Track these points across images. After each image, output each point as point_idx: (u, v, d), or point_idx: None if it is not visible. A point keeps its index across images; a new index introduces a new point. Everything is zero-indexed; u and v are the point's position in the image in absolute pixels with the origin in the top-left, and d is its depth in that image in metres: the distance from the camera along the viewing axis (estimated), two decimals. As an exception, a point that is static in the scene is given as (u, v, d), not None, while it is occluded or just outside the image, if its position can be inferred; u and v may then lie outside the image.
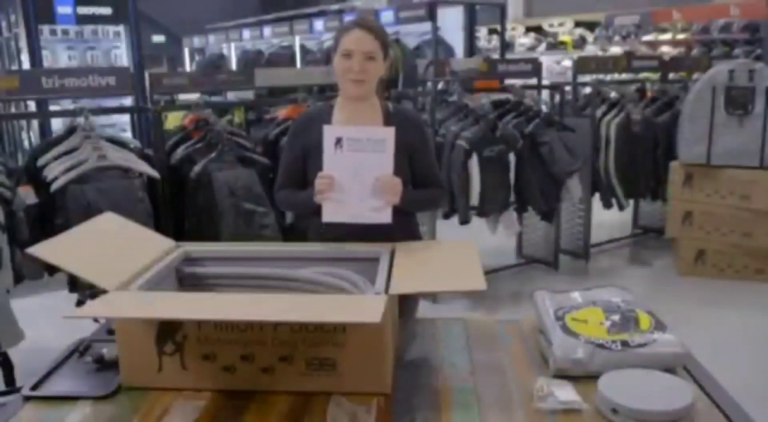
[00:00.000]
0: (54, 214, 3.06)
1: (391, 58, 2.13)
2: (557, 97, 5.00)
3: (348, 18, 7.72)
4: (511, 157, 4.26)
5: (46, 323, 3.09)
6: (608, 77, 6.13)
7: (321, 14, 8.80)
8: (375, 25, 2.08)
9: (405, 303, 2.09)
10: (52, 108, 4.90)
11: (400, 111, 2.22)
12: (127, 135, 4.85)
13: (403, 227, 2.09)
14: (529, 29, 12.06)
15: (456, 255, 1.84)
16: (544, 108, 4.72)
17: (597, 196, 5.06)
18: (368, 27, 2.04)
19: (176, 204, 3.44)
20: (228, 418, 1.41)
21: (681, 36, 9.78)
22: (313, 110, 2.24)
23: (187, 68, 11.16)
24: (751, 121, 4.47)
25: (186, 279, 1.89)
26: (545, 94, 5.08)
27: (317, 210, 2.04)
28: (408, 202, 2.06)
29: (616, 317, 1.62)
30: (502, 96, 4.68)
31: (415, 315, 2.18)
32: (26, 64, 6.19)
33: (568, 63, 9.65)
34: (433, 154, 2.27)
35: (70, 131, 3.23)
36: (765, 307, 4.20)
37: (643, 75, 5.87)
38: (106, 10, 6.57)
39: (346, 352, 1.46)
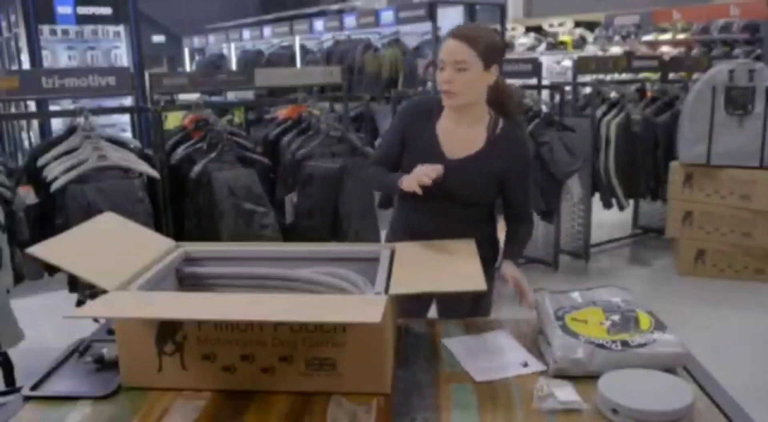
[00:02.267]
0: (54, 214, 3.06)
1: (500, 69, 1.98)
2: (557, 97, 5.00)
3: (348, 18, 7.73)
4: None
5: (46, 323, 3.10)
6: (608, 77, 6.13)
7: (321, 14, 8.81)
8: (472, 33, 1.93)
9: (481, 300, 2.16)
10: (52, 108, 4.91)
11: (507, 133, 2.05)
12: (127, 135, 4.85)
13: (482, 237, 2.07)
14: (529, 29, 12.06)
15: (456, 255, 1.84)
16: (544, 108, 4.72)
17: (597, 195, 5.06)
18: (461, 35, 1.91)
19: (176, 204, 3.44)
20: (228, 418, 1.41)
21: (681, 36, 9.78)
22: (427, 103, 2.11)
23: (187, 68, 11.17)
24: (751, 121, 4.47)
25: (186, 279, 1.89)
26: (545, 94, 5.08)
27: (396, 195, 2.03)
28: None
29: (616, 317, 1.63)
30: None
31: (490, 311, 2.24)
32: (26, 64, 6.20)
33: (568, 63, 9.64)
34: (529, 184, 2.17)
35: (70, 131, 3.23)
36: (765, 307, 4.20)
37: (643, 75, 5.87)
38: (106, 10, 6.58)
39: (346, 352, 1.46)
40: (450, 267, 1.78)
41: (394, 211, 2.27)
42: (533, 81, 4.98)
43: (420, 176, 1.88)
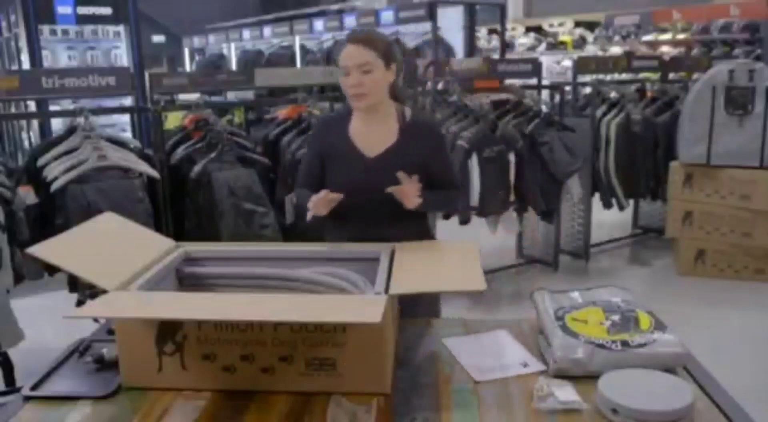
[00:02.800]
0: (54, 214, 3.06)
1: (399, 61, 2.11)
2: (557, 97, 5.00)
3: (348, 18, 7.74)
4: (511, 157, 4.26)
5: (46, 323, 3.10)
6: (608, 77, 6.13)
7: (321, 14, 8.81)
8: (369, 36, 2.06)
9: (429, 300, 2.15)
10: (52, 108, 4.91)
11: (417, 120, 2.18)
12: (127, 135, 4.85)
13: (415, 232, 2.09)
14: (529, 29, 12.06)
15: (456, 255, 1.84)
16: (544, 108, 4.72)
17: (597, 195, 5.06)
18: (360, 39, 2.03)
19: (176, 204, 3.44)
20: (228, 418, 1.41)
21: (681, 36, 9.78)
22: (332, 116, 2.27)
23: (187, 68, 11.17)
24: (751, 121, 4.47)
25: (186, 279, 1.89)
26: (545, 94, 5.08)
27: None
28: (425, 205, 2.06)
29: (616, 317, 1.63)
30: (502, 96, 4.68)
31: (440, 312, 2.24)
32: (26, 64, 6.20)
33: (568, 63, 9.64)
34: (449, 160, 2.27)
35: (70, 131, 3.23)
36: (765, 307, 4.20)
37: (643, 75, 5.87)
38: (106, 10, 6.58)
39: (346, 352, 1.46)
40: (450, 267, 1.78)
41: (328, 223, 2.26)
42: (533, 81, 4.98)
43: (319, 200, 1.98)
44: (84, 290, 2.99)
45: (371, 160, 2.11)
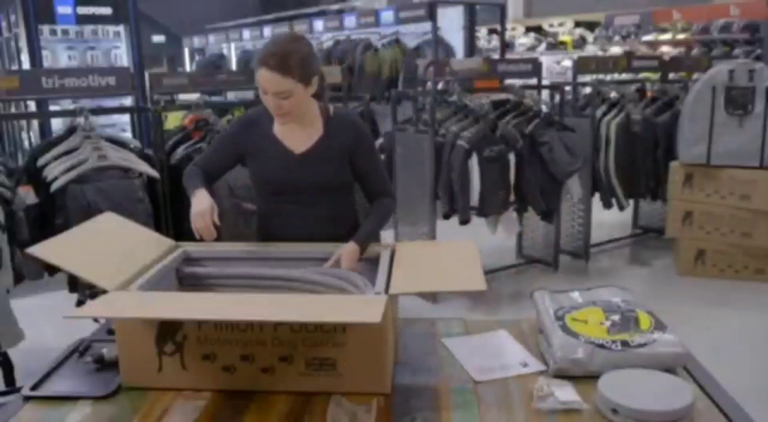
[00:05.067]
0: (54, 214, 3.06)
1: (320, 72, 2.05)
2: (557, 97, 4.99)
3: (348, 18, 7.73)
4: (511, 157, 4.26)
5: (46, 323, 3.10)
6: (608, 77, 6.13)
7: (321, 14, 8.81)
8: (283, 61, 1.88)
9: None
10: (52, 108, 4.91)
11: (339, 115, 2.16)
12: (127, 135, 4.84)
13: (348, 231, 2.08)
14: (529, 29, 12.06)
15: (456, 255, 1.84)
16: (544, 108, 4.71)
17: (597, 195, 5.06)
18: (274, 65, 1.88)
19: (176, 204, 3.44)
20: (228, 418, 1.41)
21: (681, 36, 9.77)
22: (258, 113, 2.14)
23: (187, 68, 11.16)
24: (751, 121, 4.47)
25: (186, 279, 1.89)
26: (545, 94, 5.07)
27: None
28: (368, 241, 2.03)
29: (616, 317, 1.63)
30: (502, 96, 4.68)
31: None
32: (26, 64, 6.20)
33: (568, 63, 9.64)
34: (377, 158, 2.23)
35: (70, 131, 3.23)
36: (765, 307, 4.20)
37: (643, 75, 5.86)
38: (106, 10, 6.58)
39: (346, 352, 1.46)
40: (449, 267, 1.78)
41: (258, 220, 2.25)
42: (533, 81, 4.98)
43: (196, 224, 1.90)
44: (84, 290, 3.00)
45: (299, 155, 2.09)
